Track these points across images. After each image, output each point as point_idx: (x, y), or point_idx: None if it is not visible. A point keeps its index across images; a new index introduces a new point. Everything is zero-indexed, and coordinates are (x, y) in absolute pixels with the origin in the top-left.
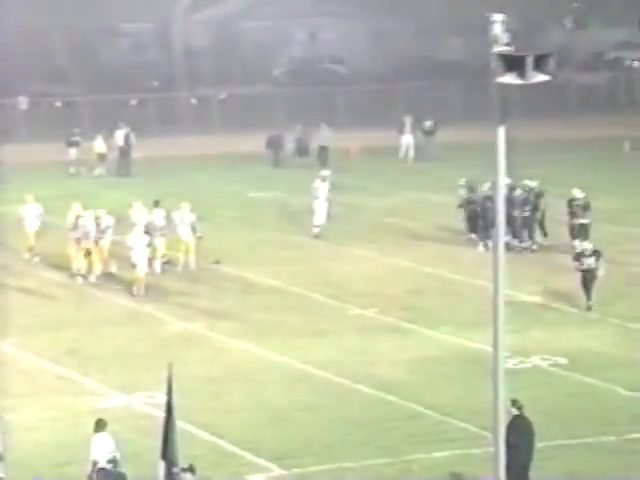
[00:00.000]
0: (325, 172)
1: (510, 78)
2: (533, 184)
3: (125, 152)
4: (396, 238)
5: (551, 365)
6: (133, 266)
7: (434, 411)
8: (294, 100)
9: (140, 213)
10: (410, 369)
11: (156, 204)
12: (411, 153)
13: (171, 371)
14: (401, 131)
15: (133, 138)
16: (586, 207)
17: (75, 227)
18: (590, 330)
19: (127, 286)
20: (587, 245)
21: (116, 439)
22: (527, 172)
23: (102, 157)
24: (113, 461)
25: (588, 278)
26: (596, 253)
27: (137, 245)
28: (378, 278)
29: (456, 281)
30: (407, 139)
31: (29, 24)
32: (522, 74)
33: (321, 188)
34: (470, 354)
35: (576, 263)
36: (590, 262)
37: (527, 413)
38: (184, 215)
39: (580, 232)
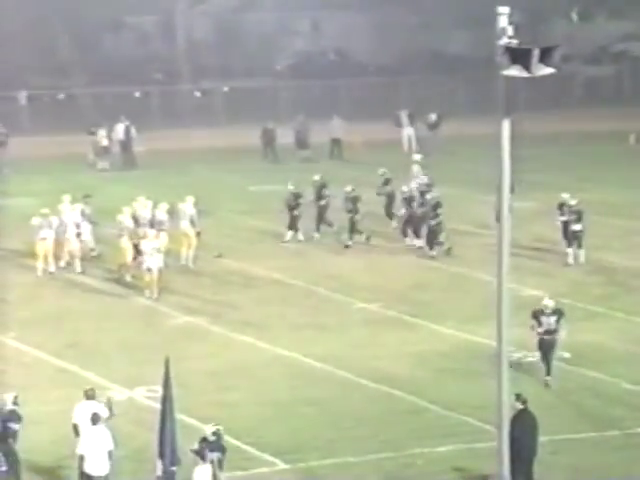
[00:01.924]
0: (417, 156)
1: (515, 71)
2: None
3: (126, 146)
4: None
5: (555, 359)
6: (148, 270)
7: (438, 405)
8: (297, 93)
9: (144, 208)
10: (414, 363)
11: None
12: (413, 145)
13: (168, 365)
14: (399, 125)
15: (134, 131)
16: (580, 214)
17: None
18: (594, 324)
19: (127, 281)
20: (548, 302)
21: (118, 433)
22: (532, 165)
23: (105, 150)
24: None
25: (546, 343)
26: (558, 312)
27: (149, 249)
28: (382, 272)
29: (461, 275)
30: (408, 131)
31: (30, 16)
32: (527, 67)
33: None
34: (474, 348)
35: (533, 322)
36: (550, 322)
37: (531, 407)
38: (186, 209)
39: (573, 239)
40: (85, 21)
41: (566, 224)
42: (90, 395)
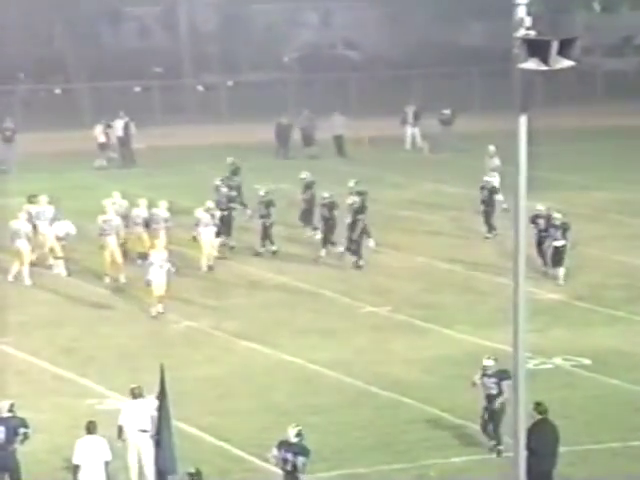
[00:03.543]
0: (492, 147)
1: (533, 64)
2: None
3: (125, 142)
4: (411, 232)
5: (574, 366)
6: (147, 284)
7: (451, 414)
8: (305, 87)
9: (142, 209)
10: (425, 370)
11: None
12: (419, 143)
13: (163, 373)
14: (404, 121)
15: (133, 128)
16: (565, 228)
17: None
18: (615, 329)
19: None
20: (489, 362)
21: (115, 443)
22: (549, 163)
23: (103, 147)
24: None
25: (488, 407)
26: (500, 374)
27: (158, 260)
28: (391, 274)
29: (474, 277)
30: (411, 130)
31: (25, 6)
32: (545, 60)
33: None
34: (489, 354)
35: (476, 378)
36: (490, 384)
37: (549, 416)
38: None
39: (555, 257)
40: (83, 12)
41: (541, 239)
42: (137, 394)
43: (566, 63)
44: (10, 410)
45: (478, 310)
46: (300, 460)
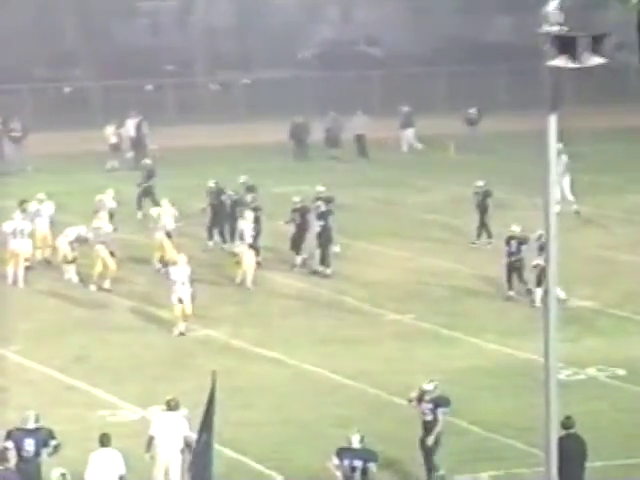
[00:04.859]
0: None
1: (562, 61)
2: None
3: (138, 143)
4: (436, 237)
5: (608, 377)
6: (179, 301)
7: (479, 427)
8: (325, 85)
9: (166, 212)
10: (452, 380)
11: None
12: (415, 145)
13: (215, 380)
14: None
15: (146, 127)
16: (542, 246)
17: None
18: None
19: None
20: (429, 386)
21: (129, 457)
22: (579, 165)
23: (115, 148)
24: None
25: (425, 434)
26: (438, 400)
27: (181, 277)
28: (416, 280)
29: (502, 284)
30: (407, 132)
31: (34, 1)
32: (576, 56)
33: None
34: (518, 365)
35: (413, 396)
36: (426, 410)
37: (581, 429)
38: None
39: (540, 278)
40: (94, 7)
41: (513, 262)
42: (173, 406)
43: (597, 60)
44: (36, 421)
45: (507, 318)
46: (372, 465)
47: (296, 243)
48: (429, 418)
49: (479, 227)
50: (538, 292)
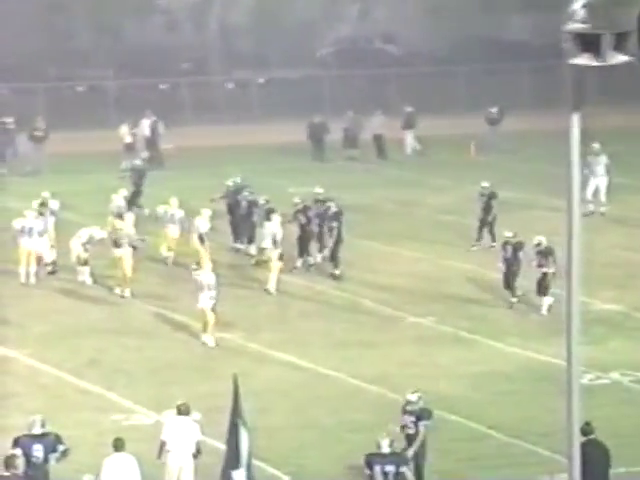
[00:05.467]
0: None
1: (585, 59)
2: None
3: (152, 143)
4: (456, 238)
5: (633, 381)
6: (203, 309)
7: (500, 432)
8: (342, 84)
9: (174, 210)
10: (472, 385)
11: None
12: (416, 146)
13: (237, 384)
14: (406, 125)
15: (161, 127)
16: (549, 253)
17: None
18: None
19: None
20: (413, 397)
21: (144, 462)
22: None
23: (129, 148)
24: None
25: (408, 445)
26: (420, 412)
27: (206, 284)
28: (436, 282)
29: (523, 286)
30: (408, 132)
31: (50, 0)
32: (599, 54)
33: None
34: (540, 369)
35: (401, 417)
36: (409, 422)
37: (605, 435)
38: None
39: (541, 284)
40: (109, 5)
41: (508, 267)
42: (183, 410)
43: (622, 58)
44: (43, 425)
45: (528, 321)
46: (406, 469)
47: (304, 244)
48: (411, 431)
49: (479, 227)
50: (546, 301)
